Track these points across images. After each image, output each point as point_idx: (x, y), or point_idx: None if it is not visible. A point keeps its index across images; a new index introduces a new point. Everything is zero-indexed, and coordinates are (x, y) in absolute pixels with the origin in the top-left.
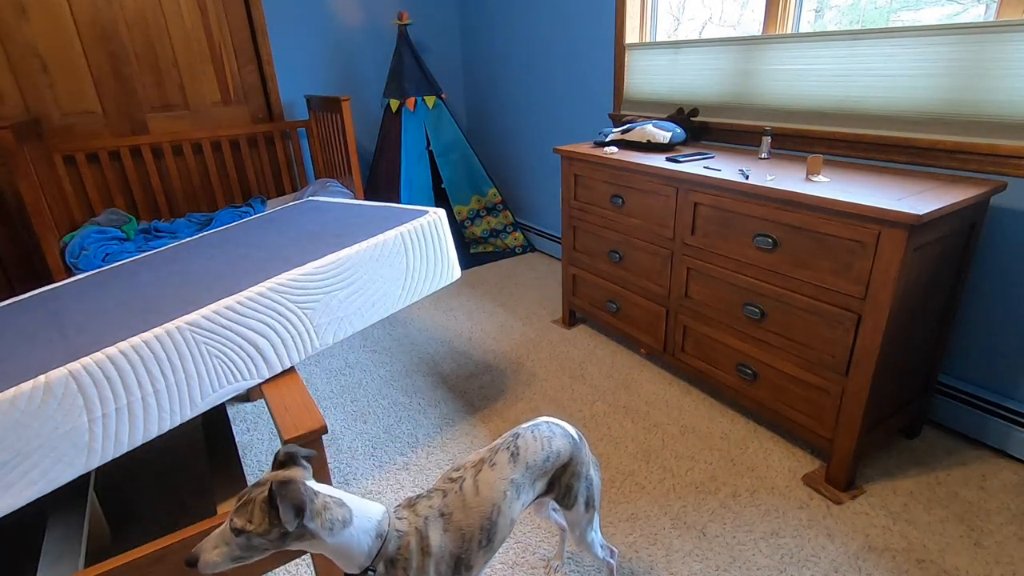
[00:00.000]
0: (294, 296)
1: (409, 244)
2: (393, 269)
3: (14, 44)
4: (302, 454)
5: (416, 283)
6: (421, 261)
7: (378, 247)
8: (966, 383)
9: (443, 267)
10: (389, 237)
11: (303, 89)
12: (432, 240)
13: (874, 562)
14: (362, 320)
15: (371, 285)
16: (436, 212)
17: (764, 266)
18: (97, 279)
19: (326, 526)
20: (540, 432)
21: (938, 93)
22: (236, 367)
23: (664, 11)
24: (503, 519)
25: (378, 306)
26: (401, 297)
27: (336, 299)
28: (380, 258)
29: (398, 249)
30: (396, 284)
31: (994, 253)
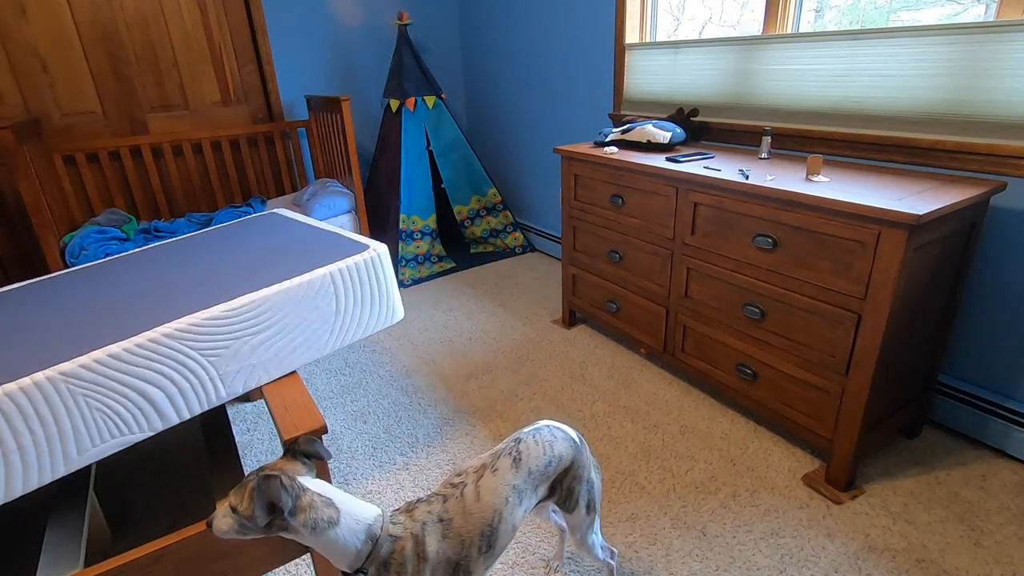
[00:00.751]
0: (197, 342)
1: (340, 284)
2: (319, 312)
3: (14, 44)
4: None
5: (348, 326)
6: (354, 303)
7: (301, 288)
8: (966, 383)
9: (381, 309)
10: (316, 276)
11: (303, 89)
12: (369, 279)
13: (874, 562)
14: (279, 367)
15: (292, 329)
16: (375, 249)
17: (764, 266)
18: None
19: (308, 524)
20: (542, 436)
21: (938, 93)
22: (123, 420)
23: (664, 11)
24: (504, 525)
25: (300, 352)
26: (329, 342)
27: (248, 345)
28: (304, 300)
29: (326, 290)
30: (323, 328)
31: (994, 253)
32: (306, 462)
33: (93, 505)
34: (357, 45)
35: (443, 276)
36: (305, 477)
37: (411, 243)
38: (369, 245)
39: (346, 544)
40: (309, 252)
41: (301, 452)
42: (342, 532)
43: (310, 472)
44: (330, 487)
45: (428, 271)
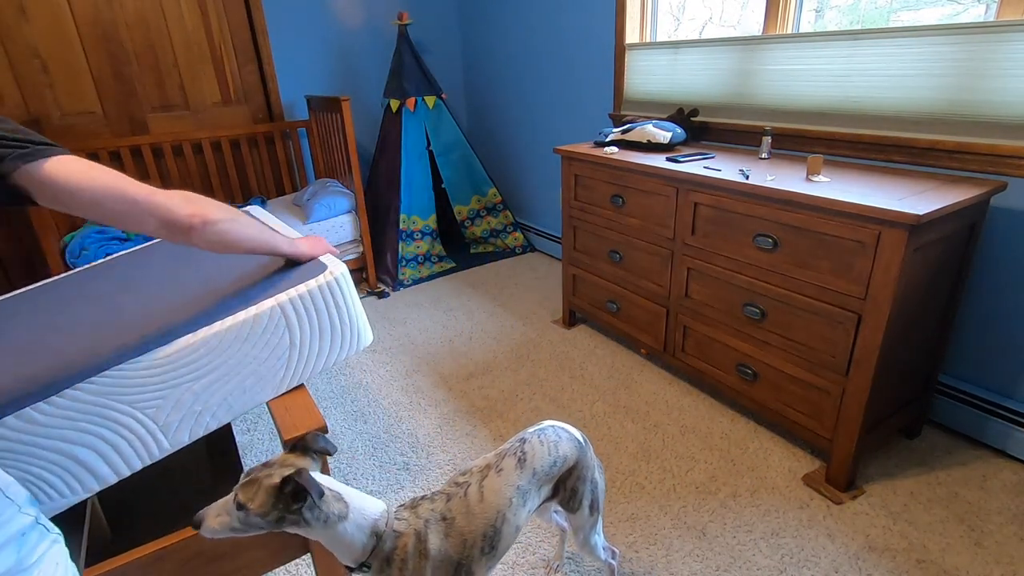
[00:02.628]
0: (126, 395)
1: (292, 315)
2: (271, 347)
3: (14, 44)
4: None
5: (308, 359)
6: (312, 334)
7: (247, 324)
8: (966, 383)
9: (345, 336)
10: (263, 310)
11: (303, 89)
12: (327, 306)
13: (874, 562)
14: (230, 411)
15: (241, 369)
16: (333, 271)
17: (764, 266)
18: None
19: (321, 517)
20: (546, 437)
21: (938, 93)
22: (51, 485)
23: (664, 11)
24: (508, 526)
25: (253, 392)
26: (287, 378)
27: (191, 392)
28: (251, 336)
29: (276, 323)
30: (278, 364)
31: (994, 253)
32: (313, 457)
33: (93, 505)
34: (357, 45)
35: (443, 276)
36: (315, 472)
37: (411, 243)
38: (327, 266)
39: (352, 538)
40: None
41: (308, 447)
42: (350, 527)
43: (316, 467)
44: (335, 481)
45: (428, 271)
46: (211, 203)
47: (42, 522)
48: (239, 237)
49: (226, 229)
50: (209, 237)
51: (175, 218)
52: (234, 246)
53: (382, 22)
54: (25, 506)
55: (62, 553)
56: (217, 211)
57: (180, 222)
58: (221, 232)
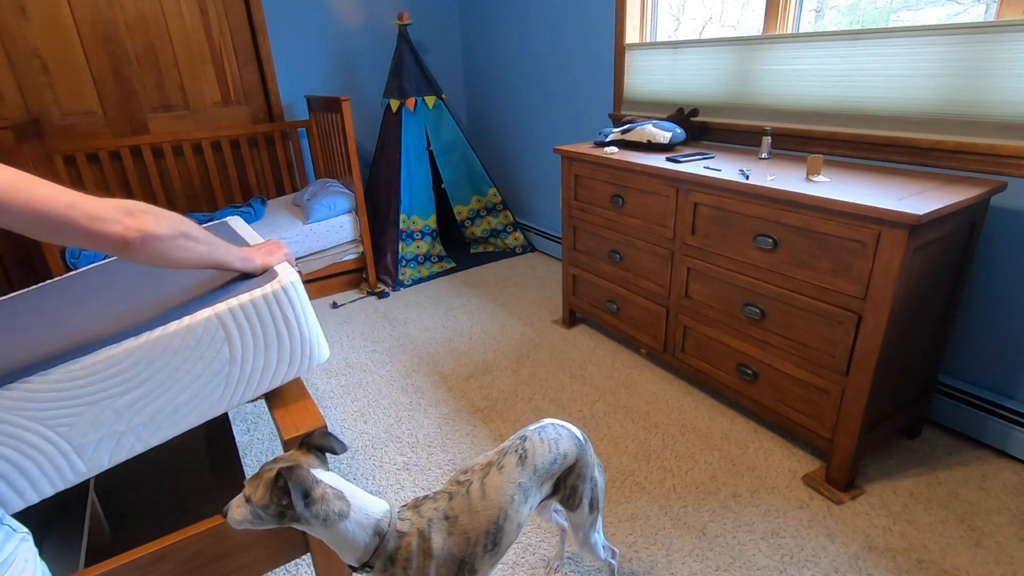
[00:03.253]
0: (36, 411)
1: (232, 327)
2: (207, 362)
3: (14, 44)
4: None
5: (250, 377)
6: (255, 349)
7: (178, 336)
8: (966, 383)
9: (295, 352)
10: (196, 321)
11: (303, 89)
12: (273, 318)
13: (874, 562)
14: (158, 433)
15: (172, 385)
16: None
17: (764, 266)
18: None
19: (320, 515)
20: (547, 434)
21: (938, 93)
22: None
23: (664, 11)
24: (510, 524)
25: (185, 411)
26: (225, 397)
27: (111, 409)
28: (183, 349)
29: (213, 335)
30: (215, 381)
31: (994, 253)
32: (319, 455)
33: (93, 505)
34: (357, 45)
35: (443, 276)
36: (318, 469)
37: (411, 243)
38: (277, 273)
39: (354, 538)
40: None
41: (315, 445)
42: (351, 525)
43: (323, 465)
44: (342, 481)
45: (428, 271)
46: (156, 215)
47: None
48: (183, 255)
49: (169, 246)
50: (150, 253)
51: (104, 234)
52: (179, 262)
53: (382, 22)
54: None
55: (31, 551)
56: (160, 224)
57: (111, 237)
58: (164, 249)
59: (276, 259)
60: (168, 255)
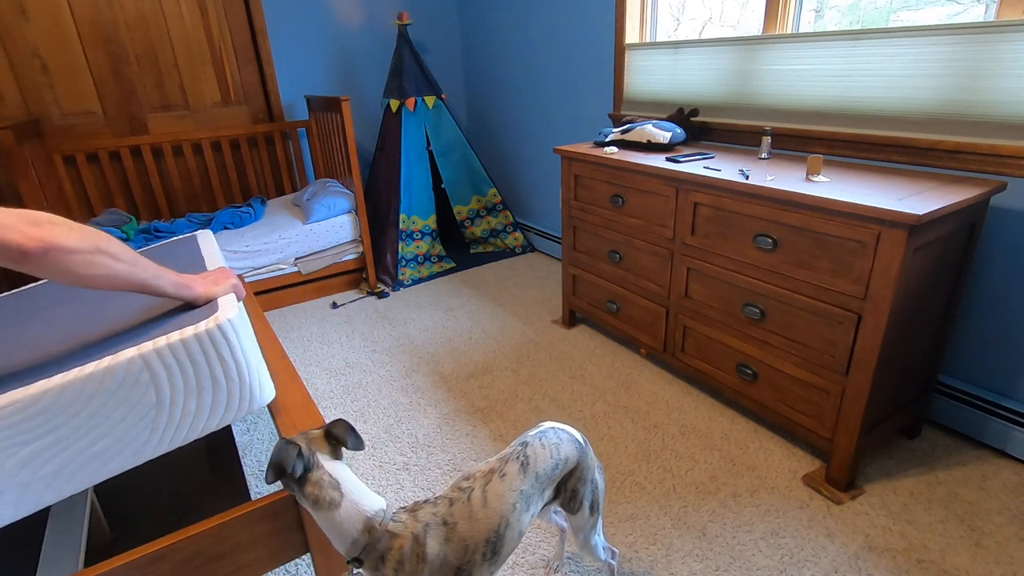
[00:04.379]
0: None
1: (160, 369)
2: (130, 406)
3: (14, 44)
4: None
5: (180, 422)
6: (186, 392)
7: (95, 379)
8: (966, 383)
9: (233, 394)
10: (118, 363)
11: (303, 89)
12: (209, 358)
13: (874, 562)
14: (71, 482)
15: (88, 432)
16: (220, 316)
17: (764, 266)
18: None
19: (311, 498)
20: (548, 439)
21: (938, 93)
22: None
23: (664, 11)
24: (511, 532)
25: (105, 459)
26: (151, 442)
27: (16, 459)
28: (102, 393)
29: (138, 378)
30: (139, 426)
31: (994, 253)
32: (334, 444)
33: (93, 505)
34: (357, 45)
35: (443, 276)
36: (326, 456)
37: (411, 243)
38: (219, 307)
39: (344, 529)
40: (141, 320)
41: (333, 434)
42: (341, 516)
43: (333, 454)
44: (346, 472)
45: (428, 271)
46: (68, 228)
47: None
48: (97, 272)
49: (79, 260)
50: (54, 266)
51: (5, 244)
52: (92, 280)
53: (382, 22)
54: None
55: None
56: (70, 237)
57: (7, 246)
58: (72, 263)
59: (221, 290)
60: (77, 271)
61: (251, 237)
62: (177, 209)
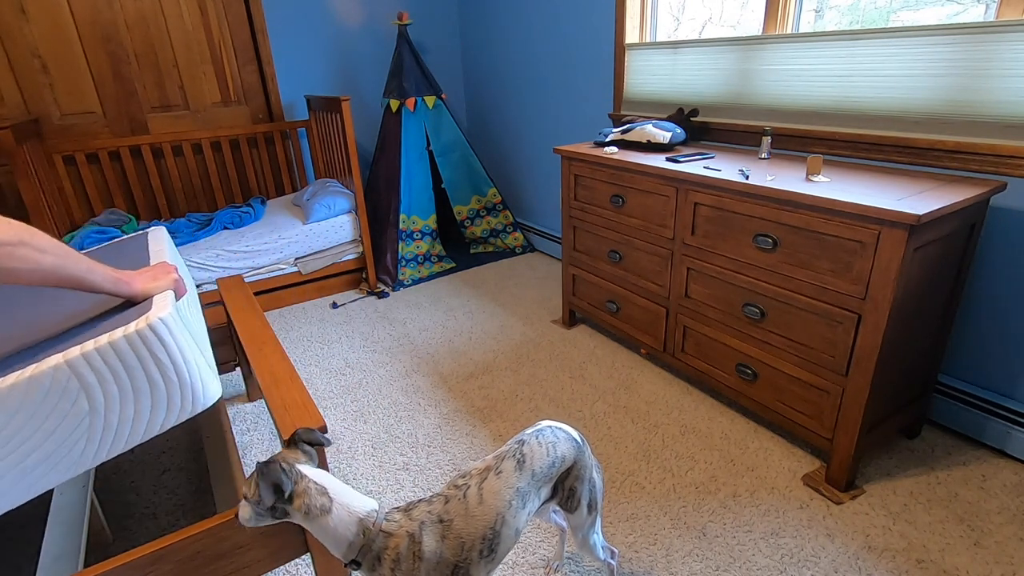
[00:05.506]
0: None
1: (89, 375)
2: (61, 416)
3: (14, 44)
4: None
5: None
6: (122, 398)
7: (17, 391)
8: (966, 383)
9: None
10: (42, 371)
11: (303, 89)
12: (143, 360)
13: (874, 562)
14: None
15: (16, 447)
16: (151, 315)
17: (764, 266)
18: None
19: (302, 509)
20: (545, 438)
21: (938, 93)
22: None
23: (664, 11)
24: (507, 529)
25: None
26: (88, 453)
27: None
28: (26, 406)
29: (66, 386)
30: (73, 436)
31: (994, 253)
32: (307, 451)
33: (93, 505)
34: (357, 45)
35: (443, 276)
36: (304, 465)
37: (411, 243)
38: (151, 306)
39: (338, 533)
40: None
41: (302, 441)
42: (334, 520)
43: (311, 461)
44: (329, 477)
45: (428, 271)
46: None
47: None
48: (21, 265)
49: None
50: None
51: None
52: (17, 275)
53: (382, 22)
54: None
55: None
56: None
57: None
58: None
59: (160, 285)
60: (3, 264)
61: (251, 237)
62: (177, 209)
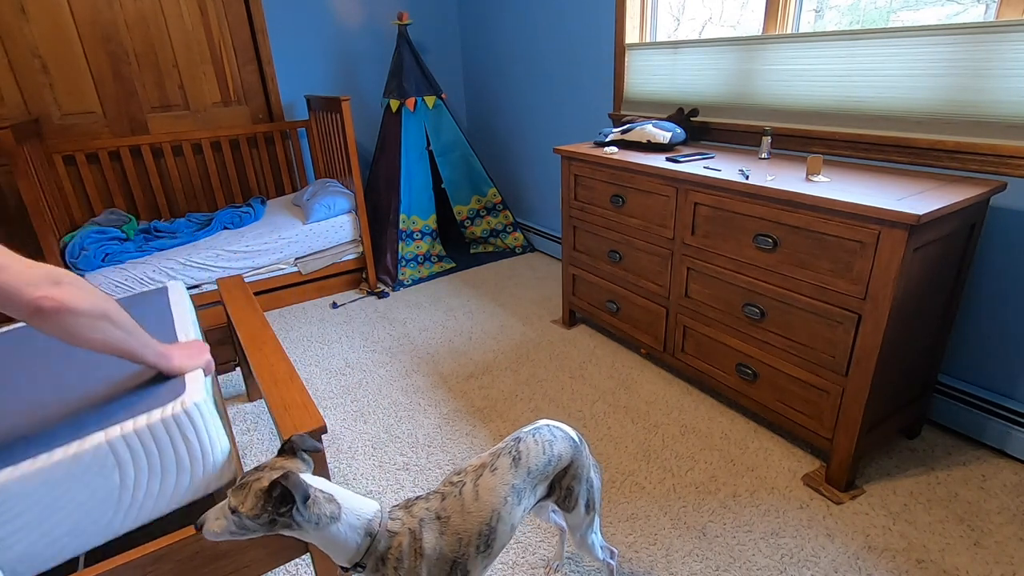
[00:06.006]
0: None
1: (125, 452)
2: (92, 490)
3: (14, 44)
4: (308, 446)
5: (144, 501)
6: (150, 475)
7: (61, 466)
8: (966, 383)
9: (199, 473)
10: (85, 449)
11: (303, 89)
12: (175, 440)
13: (874, 562)
14: (31, 567)
15: (48, 517)
16: (187, 399)
17: (764, 266)
18: None
19: (312, 519)
20: (541, 436)
21: (938, 93)
22: None
23: (664, 11)
24: (503, 525)
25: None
26: (113, 523)
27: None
28: (67, 480)
29: (104, 462)
30: (101, 509)
31: (994, 253)
32: (304, 458)
33: None
34: (357, 45)
35: (443, 276)
36: (305, 474)
37: (411, 243)
38: (184, 389)
39: (346, 539)
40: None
41: (298, 448)
42: (343, 527)
43: (308, 468)
44: (329, 483)
45: (428, 271)
46: (80, 289)
47: None
48: (97, 336)
49: (85, 324)
50: (61, 326)
51: (19, 297)
52: (90, 343)
53: (382, 22)
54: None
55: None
56: (82, 300)
57: (24, 301)
58: (78, 325)
59: (193, 364)
60: (81, 333)
61: (251, 237)
62: (177, 209)
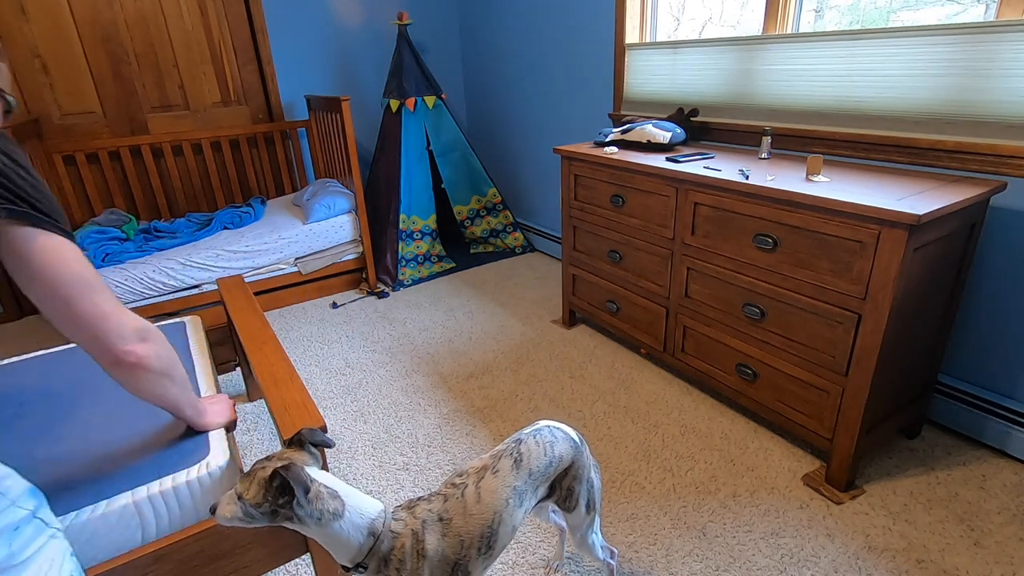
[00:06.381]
0: None
1: (149, 511)
2: (115, 549)
3: (14, 44)
4: (316, 439)
5: None
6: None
7: (88, 526)
8: (966, 383)
9: None
10: (112, 509)
11: (303, 89)
12: (195, 499)
13: (874, 562)
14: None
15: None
16: (212, 460)
17: (764, 266)
18: None
19: (315, 515)
20: (542, 437)
21: (938, 93)
22: None
23: (664, 11)
24: (504, 527)
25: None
26: None
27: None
28: (92, 539)
29: (128, 522)
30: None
31: (994, 253)
32: (312, 452)
33: None
34: (357, 45)
35: (443, 276)
36: (312, 468)
37: (411, 243)
38: (209, 451)
39: (349, 537)
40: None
41: (308, 442)
42: (345, 525)
43: (316, 463)
44: (336, 479)
45: (428, 271)
46: (163, 349)
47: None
48: (156, 391)
49: (151, 379)
50: (132, 378)
51: (107, 345)
52: (146, 395)
53: (382, 22)
54: (21, 499)
55: (60, 549)
56: (158, 362)
57: (110, 350)
58: (144, 380)
59: (221, 423)
60: (145, 387)
61: (251, 237)
62: (177, 209)
